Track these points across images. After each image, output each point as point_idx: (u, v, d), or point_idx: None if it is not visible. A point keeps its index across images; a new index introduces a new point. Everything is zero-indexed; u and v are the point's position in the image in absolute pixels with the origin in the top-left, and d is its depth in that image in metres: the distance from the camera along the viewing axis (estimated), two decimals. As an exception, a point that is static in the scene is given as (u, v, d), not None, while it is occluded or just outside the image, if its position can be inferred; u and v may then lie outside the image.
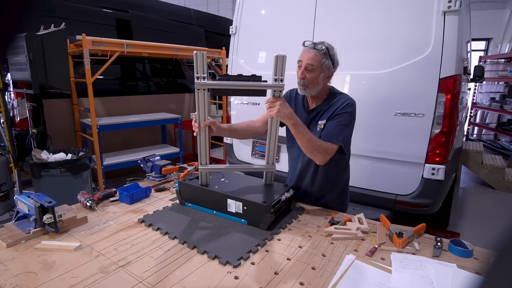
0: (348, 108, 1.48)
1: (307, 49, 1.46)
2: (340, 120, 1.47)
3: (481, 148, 4.61)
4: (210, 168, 1.50)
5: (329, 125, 1.49)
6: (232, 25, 2.96)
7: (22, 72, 2.91)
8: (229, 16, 7.60)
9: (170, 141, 5.05)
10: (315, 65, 1.43)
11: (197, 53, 1.31)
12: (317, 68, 1.44)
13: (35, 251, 1.13)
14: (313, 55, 1.43)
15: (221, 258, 1.09)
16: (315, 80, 1.46)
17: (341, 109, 1.48)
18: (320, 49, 1.43)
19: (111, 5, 4.68)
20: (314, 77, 1.45)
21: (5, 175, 3.10)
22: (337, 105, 1.50)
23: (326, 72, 1.47)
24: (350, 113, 1.48)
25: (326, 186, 1.63)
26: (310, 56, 1.44)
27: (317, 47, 1.44)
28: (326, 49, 1.44)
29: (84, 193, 1.54)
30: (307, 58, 1.44)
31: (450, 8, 1.98)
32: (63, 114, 4.02)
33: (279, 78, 1.35)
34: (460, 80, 2.13)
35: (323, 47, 1.44)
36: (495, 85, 7.64)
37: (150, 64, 5.13)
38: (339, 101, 1.51)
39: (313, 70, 1.44)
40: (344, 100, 1.51)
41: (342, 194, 1.69)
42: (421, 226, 1.29)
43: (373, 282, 0.99)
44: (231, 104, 3.10)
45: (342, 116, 1.48)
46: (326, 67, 1.46)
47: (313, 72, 1.45)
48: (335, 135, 1.45)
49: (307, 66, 1.44)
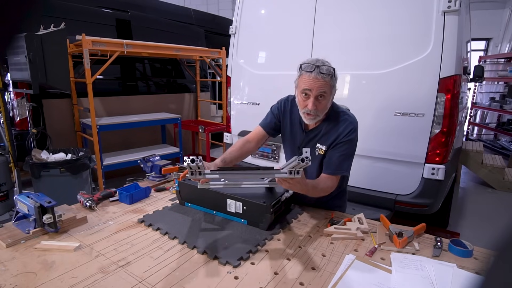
0: (351, 135, 1.40)
1: (314, 76, 1.28)
2: (343, 149, 1.39)
3: (481, 148, 4.62)
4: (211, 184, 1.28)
5: (332, 155, 1.41)
6: (232, 25, 2.96)
7: (22, 72, 2.91)
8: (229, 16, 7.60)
9: (170, 141, 5.05)
10: (327, 91, 1.32)
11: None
12: (329, 93, 1.33)
13: (35, 251, 1.13)
14: (323, 82, 1.29)
15: (221, 258, 1.09)
16: (326, 107, 1.37)
17: (344, 136, 1.39)
18: (328, 73, 1.29)
19: (111, 5, 4.67)
20: (326, 104, 1.36)
21: (5, 175, 3.10)
22: (339, 131, 1.41)
23: (334, 93, 1.37)
24: (353, 140, 1.41)
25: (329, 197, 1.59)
26: (320, 84, 1.29)
27: (324, 71, 1.28)
28: (333, 71, 1.31)
29: (84, 193, 1.54)
30: (318, 86, 1.29)
31: (450, 8, 1.98)
32: (63, 114, 4.02)
33: (295, 171, 1.10)
34: (460, 80, 2.13)
35: (330, 69, 1.30)
36: (495, 85, 7.64)
37: (150, 64, 5.13)
38: (341, 125, 1.41)
39: (325, 98, 1.33)
40: (347, 124, 1.41)
41: (340, 196, 1.68)
42: (421, 226, 1.29)
43: (373, 282, 0.99)
44: (231, 104, 3.10)
45: (346, 145, 1.39)
46: (334, 89, 1.36)
47: (324, 100, 1.33)
48: (340, 166, 1.39)
49: (320, 94, 1.31)
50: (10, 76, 3.37)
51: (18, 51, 2.84)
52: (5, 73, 3.48)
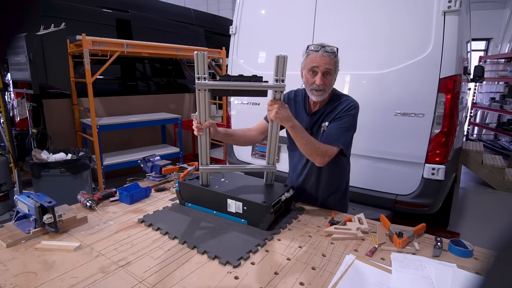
0: (351, 111, 1.48)
1: (321, 54, 1.42)
2: (342, 122, 1.47)
3: (481, 148, 4.61)
4: (210, 168, 1.50)
5: (331, 127, 1.49)
6: (232, 25, 2.96)
7: (22, 72, 2.91)
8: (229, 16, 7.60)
9: (170, 141, 5.05)
10: (332, 68, 1.44)
11: (197, 54, 1.30)
12: (333, 71, 1.45)
13: (35, 251, 1.13)
14: (328, 59, 1.42)
15: (221, 258, 1.09)
16: (331, 83, 1.48)
17: (344, 111, 1.48)
18: (332, 51, 1.43)
19: (111, 5, 4.68)
20: (331, 80, 1.46)
21: (5, 175, 3.10)
22: (341, 107, 1.49)
23: (337, 73, 1.49)
24: (353, 116, 1.48)
25: (330, 189, 1.62)
26: (326, 61, 1.42)
27: (328, 50, 1.42)
28: (336, 50, 1.44)
29: (84, 193, 1.54)
30: (324, 63, 1.42)
31: (450, 8, 1.98)
32: (63, 114, 4.02)
33: (280, 78, 1.34)
34: (460, 80, 2.13)
35: (334, 49, 1.44)
36: (495, 85, 7.64)
37: (150, 64, 5.13)
38: (343, 103, 1.51)
39: (331, 74, 1.45)
40: (348, 102, 1.50)
41: (343, 197, 1.69)
42: (421, 226, 1.29)
43: (373, 282, 0.99)
44: (231, 104, 3.10)
45: (345, 118, 1.47)
46: (337, 69, 1.48)
47: (330, 76, 1.45)
48: (336, 138, 1.45)
49: (326, 71, 1.43)
50: (10, 76, 3.37)
51: (18, 51, 2.84)
52: (5, 73, 3.49)
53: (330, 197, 1.63)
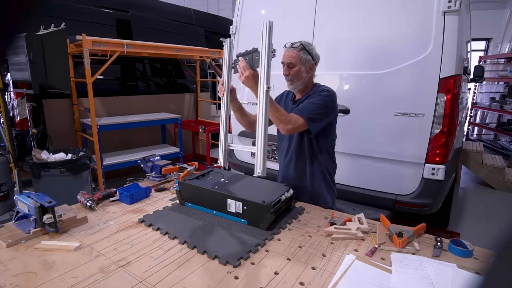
0: (322, 92, 1.63)
1: (286, 50, 1.66)
2: (311, 100, 1.62)
3: (481, 148, 4.61)
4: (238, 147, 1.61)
5: (301, 104, 1.65)
6: (232, 25, 2.96)
7: (22, 72, 2.91)
8: (229, 16, 7.59)
9: (170, 141, 5.05)
10: (294, 61, 1.62)
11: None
12: (297, 63, 1.62)
13: (35, 251, 1.13)
14: (291, 53, 1.62)
15: (221, 258, 1.09)
16: (298, 74, 1.64)
17: (316, 93, 1.65)
18: (296, 47, 1.62)
19: (111, 5, 4.68)
20: (296, 71, 1.63)
21: (5, 175, 3.10)
22: (314, 90, 1.68)
23: (307, 65, 1.64)
24: (323, 96, 1.62)
25: (316, 179, 1.72)
26: (289, 55, 1.63)
27: (293, 46, 1.63)
28: (301, 45, 1.62)
29: (84, 193, 1.54)
30: (287, 56, 1.63)
31: (450, 8, 1.98)
32: (63, 114, 4.02)
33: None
34: (460, 80, 2.13)
35: (298, 44, 1.63)
36: (495, 85, 7.64)
37: (150, 64, 5.13)
38: (318, 89, 1.68)
39: (294, 65, 1.63)
40: (322, 88, 1.67)
41: (331, 182, 1.79)
42: (421, 226, 1.29)
43: (373, 282, 0.99)
44: (231, 104, 3.09)
45: (315, 97, 1.63)
46: (305, 61, 1.63)
47: (294, 67, 1.63)
48: (302, 110, 1.58)
49: (288, 64, 1.64)
50: (10, 76, 3.37)
51: (18, 51, 2.84)
52: (5, 73, 3.49)
53: (317, 180, 1.73)
